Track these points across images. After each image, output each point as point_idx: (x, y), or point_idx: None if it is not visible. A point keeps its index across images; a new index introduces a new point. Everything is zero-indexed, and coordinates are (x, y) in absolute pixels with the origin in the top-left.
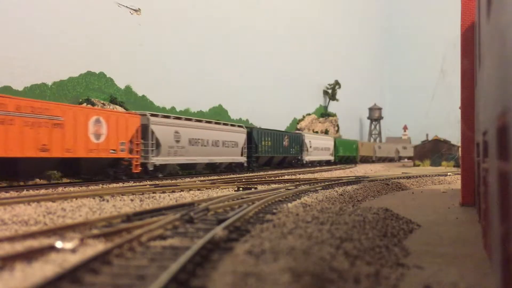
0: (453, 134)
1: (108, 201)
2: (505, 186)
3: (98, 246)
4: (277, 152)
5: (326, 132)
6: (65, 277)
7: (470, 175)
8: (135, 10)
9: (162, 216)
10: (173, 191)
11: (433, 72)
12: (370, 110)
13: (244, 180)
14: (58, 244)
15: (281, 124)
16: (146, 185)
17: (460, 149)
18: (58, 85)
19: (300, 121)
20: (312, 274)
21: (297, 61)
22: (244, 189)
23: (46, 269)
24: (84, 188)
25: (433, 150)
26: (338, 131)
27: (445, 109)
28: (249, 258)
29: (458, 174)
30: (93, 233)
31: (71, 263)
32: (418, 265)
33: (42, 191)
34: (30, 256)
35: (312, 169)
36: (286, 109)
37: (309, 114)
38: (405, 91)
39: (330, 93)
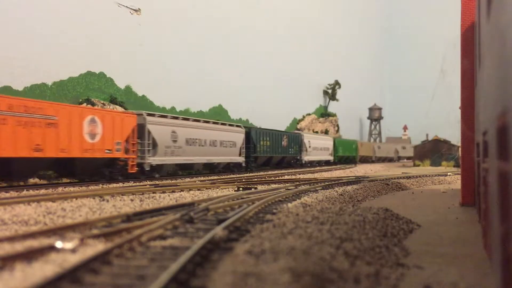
0: (453, 134)
1: (108, 201)
2: (505, 186)
3: (98, 246)
4: (275, 152)
5: (326, 132)
6: (65, 277)
7: (470, 175)
8: (135, 10)
9: (162, 216)
10: (173, 191)
11: (433, 72)
12: (370, 110)
13: (244, 180)
14: (58, 244)
15: (281, 124)
16: (146, 185)
17: (460, 149)
18: (58, 85)
19: (300, 121)
20: (312, 274)
21: (297, 61)
22: (244, 189)
23: (46, 269)
24: (84, 188)
25: (433, 150)
26: (338, 131)
27: (445, 109)
28: (249, 258)
29: (458, 174)
30: (93, 233)
31: (71, 263)
32: (418, 265)
33: (42, 191)
34: (30, 256)
35: (312, 169)
36: (286, 109)
37: (309, 114)
38: (405, 91)
39: (330, 93)
